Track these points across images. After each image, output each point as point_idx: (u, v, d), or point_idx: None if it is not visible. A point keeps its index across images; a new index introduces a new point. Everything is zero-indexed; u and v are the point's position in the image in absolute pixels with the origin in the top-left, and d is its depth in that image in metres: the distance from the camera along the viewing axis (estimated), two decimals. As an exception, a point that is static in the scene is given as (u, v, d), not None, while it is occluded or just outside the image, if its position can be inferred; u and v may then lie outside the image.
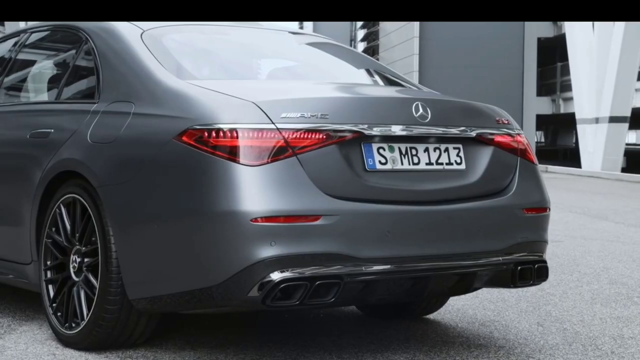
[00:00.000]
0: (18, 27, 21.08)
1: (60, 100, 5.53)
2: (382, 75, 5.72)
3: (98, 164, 4.83)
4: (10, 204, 5.56)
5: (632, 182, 24.93)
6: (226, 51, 5.56)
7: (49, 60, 6.35)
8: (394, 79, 5.67)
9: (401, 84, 5.60)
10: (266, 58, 5.61)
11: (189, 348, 5.04)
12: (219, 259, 4.33)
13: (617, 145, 29.97)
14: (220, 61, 5.41)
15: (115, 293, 4.73)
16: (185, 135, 4.45)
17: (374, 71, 5.76)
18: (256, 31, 5.91)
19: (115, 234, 4.70)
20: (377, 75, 5.70)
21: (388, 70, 5.85)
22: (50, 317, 5.13)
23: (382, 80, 5.68)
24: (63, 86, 5.57)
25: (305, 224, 4.31)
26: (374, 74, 5.71)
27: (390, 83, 5.65)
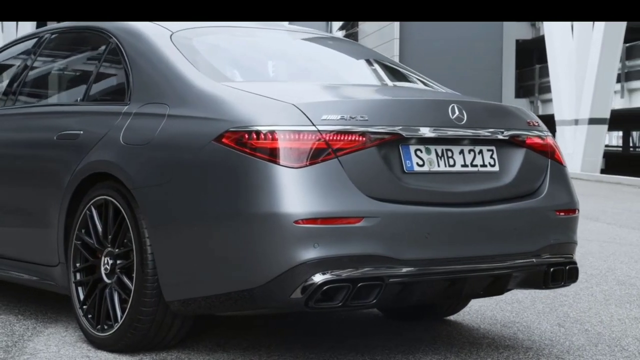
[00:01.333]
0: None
1: (87, 101, 5.52)
2: (409, 77, 5.74)
3: (132, 165, 4.83)
4: (36, 206, 5.55)
5: (612, 183, 25.07)
6: (255, 53, 5.57)
7: (72, 62, 6.34)
8: (420, 79, 5.70)
9: (428, 84, 5.64)
10: (295, 60, 5.61)
11: (220, 350, 5.04)
12: (261, 261, 4.34)
13: (596, 146, 30.13)
14: (251, 63, 5.42)
15: (150, 295, 4.73)
16: (225, 138, 4.46)
17: (401, 73, 5.78)
18: (282, 32, 5.92)
19: (151, 236, 4.70)
20: (405, 77, 5.72)
21: (413, 71, 5.88)
22: (80, 319, 5.12)
23: (410, 82, 5.70)
24: (90, 88, 5.56)
25: (348, 226, 4.34)
26: (402, 75, 5.73)
27: (419, 84, 5.67)
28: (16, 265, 5.74)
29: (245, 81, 4.98)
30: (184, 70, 4.97)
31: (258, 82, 5.02)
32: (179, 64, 5.04)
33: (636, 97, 33.07)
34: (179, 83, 4.91)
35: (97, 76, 5.59)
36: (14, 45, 6.62)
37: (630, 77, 33.17)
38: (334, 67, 5.67)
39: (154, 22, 5.58)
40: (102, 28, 5.70)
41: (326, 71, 5.57)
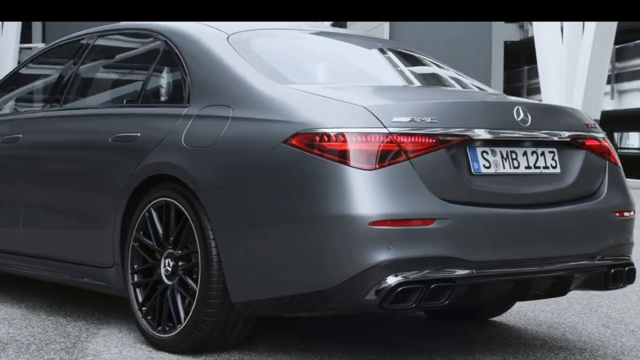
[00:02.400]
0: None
1: (142, 104, 5.52)
2: (459, 79, 5.77)
3: (197, 167, 4.84)
4: (90, 208, 5.56)
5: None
6: (311, 55, 5.59)
7: (123, 64, 6.35)
8: (470, 81, 5.74)
9: (479, 86, 5.68)
10: (351, 62, 5.63)
11: (280, 352, 5.07)
12: (334, 262, 4.37)
13: (587, 148, 30.20)
14: (309, 65, 5.44)
15: (215, 296, 4.75)
16: (295, 139, 4.48)
17: (454, 75, 5.81)
18: (332, 34, 5.94)
19: (217, 238, 4.72)
20: (457, 79, 5.75)
21: (460, 73, 5.91)
22: (140, 321, 5.13)
23: (464, 84, 5.73)
24: (144, 90, 5.57)
25: (421, 228, 4.37)
26: (455, 77, 5.76)
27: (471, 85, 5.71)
28: (68, 267, 5.75)
29: (307, 83, 5.00)
30: (245, 73, 4.99)
31: (321, 84, 5.04)
32: (240, 66, 5.06)
33: (626, 99, 33.25)
34: (242, 85, 4.92)
35: (151, 78, 5.59)
36: (58, 46, 6.62)
37: (620, 78, 33.35)
38: (389, 69, 5.69)
39: (204, 24, 5.61)
40: (153, 30, 5.71)
41: (383, 73, 5.60)
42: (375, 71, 5.57)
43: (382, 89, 5.16)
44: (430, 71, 5.78)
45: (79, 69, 6.18)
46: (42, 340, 5.27)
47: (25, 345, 5.15)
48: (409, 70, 5.73)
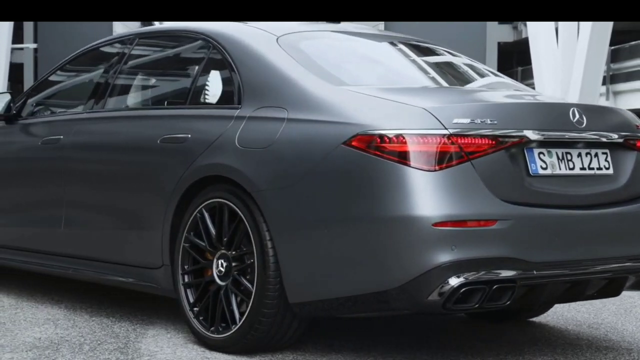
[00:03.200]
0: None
1: (191, 105, 5.53)
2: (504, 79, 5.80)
3: (252, 169, 4.86)
4: (137, 209, 5.58)
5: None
6: (361, 56, 5.60)
7: (167, 65, 6.35)
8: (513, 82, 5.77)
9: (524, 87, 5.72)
10: (400, 63, 5.65)
11: (333, 352, 5.09)
12: (397, 263, 4.40)
13: (583, 149, 30.29)
14: (360, 67, 5.45)
15: (272, 297, 4.77)
16: (355, 141, 4.51)
17: (500, 76, 5.84)
18: (378, 36, 5.96)
19: (275, 239, 4.74)
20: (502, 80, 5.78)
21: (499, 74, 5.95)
22: (192, 321, 5.15)
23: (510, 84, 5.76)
24: (191, 91, 5.58)
25: (483, 229, 4.41)
26: (502, 79, 5.79)
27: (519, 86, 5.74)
28: (112, 268, 5.77)
29: (361, 85, 5.01)
30: (300, 75, 5.02)
31: (376, 86, 5.06)
32: (293, 68, 5.08)
33: (621, 100, 33.32)
34: (297, 87, 4.95)
35: (198, 80, 5.61)
36: (94, 49, 6.63)
37: (615, 79, 33.39)
38: (437, 70, 5.71)
39: (249, 25, 5.65)
40: (198, 31, 5.73)
41: (431, 74, 5.62)
42: (422, 72, 5.59)
43: (437, 90, 5.19)
44: (475, 72, 5.80)
45: (120, 71, 6.18)
46: (93, 340, 5.29)
47: (78, 345, 5.17)
48: (455, 71, 5.76)
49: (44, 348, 5.10)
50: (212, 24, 5.73)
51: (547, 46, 32.42)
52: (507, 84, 5.67)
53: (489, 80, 5.69)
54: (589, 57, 29.23)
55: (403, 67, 5.54)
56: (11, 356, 4.93)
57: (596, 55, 29.35)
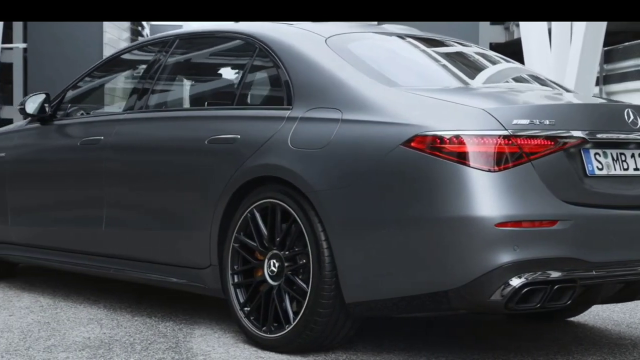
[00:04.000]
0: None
1: (238, 106, 5.55)
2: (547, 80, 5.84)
3: (307, 169, 4.89)
4: (183, 209, 5.60)
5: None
6: (409, 57, 5.62)
7: (212, 66, 6.38)
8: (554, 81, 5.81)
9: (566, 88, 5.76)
10: (448, 64, 5.68)
11: (384, 352, 5.12)
12: (459, 263, 4.43)
13: (577, 149, 30.35)
14: (409, 68, 5.47)
15: (328, 297, 4.80)
16: (414, 142, 4.54)
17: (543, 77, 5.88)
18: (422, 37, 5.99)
19: (331, 239, 4.77)
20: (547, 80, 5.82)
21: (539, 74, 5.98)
22: (242, 321, 5.18)
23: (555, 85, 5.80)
24: (238, 92, 5.60)
25: (544, 229, 4.45)
26: (545, 79, 5.83)
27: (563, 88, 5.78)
28: (158, 268, 5.78)
29: (414, 86, 5.04)
30: (352, 76, 5.05)
31: (430, 87, 5.09)
32: (345, 69, 5.12)
33: (614, 101, 33.42)
34: (350, 88, 4.98)
35: (245, 81, 5.63)
36: (134, 49, 6.65)
37: (608, 80, 33.53)
38: (486, 71, 5.74)
39: (295, 26, 5.68)
40: (243, 32, 5.75)
41: (480, 75, 5.65)
42: (467, 72, 5.61)
43: (490, 91, 5.22)
44: (523, 73, 5.84)
45: (161, 72, 6.19)
46: (142, 340, 5.31)
47: (129, 345, 5.19)
48: (502, 72, 5.79)
49: (96, 347, 5.11)
50: (254, 25, 5.76)
51: (540, 47, 32.51)
52: (552, 85, 5.71)
53: (537, 82, 5.72)
54: (583, 57, 29.33)
55: (449, 67, 5.55)
56: (66, 355, 4.95)
57: (590, 56, 29.46)
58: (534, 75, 5.82)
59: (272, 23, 5.86)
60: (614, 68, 33.45)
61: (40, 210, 6.72)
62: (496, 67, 5.78)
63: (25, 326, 5.67)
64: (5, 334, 5.46)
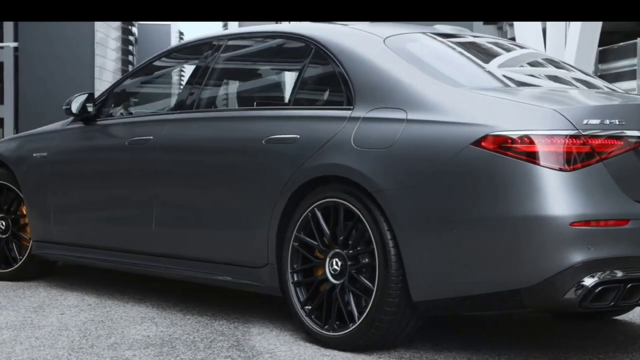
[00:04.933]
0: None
1: (294, 106, 5.58)
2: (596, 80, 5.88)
3: (372, 169, 4.92)
4: (239, 209, 5.62)
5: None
6: (466, 58, 5.65)
7: (262, 67, 6.41)
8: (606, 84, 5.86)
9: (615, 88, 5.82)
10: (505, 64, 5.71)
11: (445, 349, 5.17)
12: (532, 262, 4.47)
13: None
14: (470, 68, 5.50)
15: (394, 295, 4.84)
16: (485, 142, 4.59)
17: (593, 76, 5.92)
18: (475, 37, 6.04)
19: (398, 238, 4.81)
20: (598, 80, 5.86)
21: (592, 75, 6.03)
22: (303, 319, 5.22)
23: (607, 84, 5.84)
24: (295, 93, 5.62)
25: (616, 228, 4.50)
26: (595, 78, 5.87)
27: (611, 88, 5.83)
28: (211, 267, 5.81)
29: (478, 86, 5.08)
30: (414, 76, 5.10)
31: (493, 86, 5.13)
32: (406, 69, 5.16)
33: (608, 102, 33.55)
34: (414, 88, 5.02)
35: (302, 81, 5.65)
36: (181, 49, 6.68)
37: (603, 80, 33.66)
38: (543, 70, 5.78)
39: (351, 27, 5.71)
40: (297, 33, 5.78)
41: (542, 75, 5.68)
42: (530, 73, 5.66)
43: (559, 91, 5.27)
44: (580, 75, 5.88)
45: (212, 72, 6.22)
46: (203, 338, 5.35)
47: (191, 343, 5.23)
48: (559, 72, 5.83)
49: (159, 345, 5.14)
50: (307, 26, 5.81)
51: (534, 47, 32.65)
52: (607, 85, 5.77)
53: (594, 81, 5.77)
54: (578, 58, 29.44)
55: (507, 67, 5.59)
56: (132, 353, 4.98)
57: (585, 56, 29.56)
58: (590, 76, 5.87)
59: (326, 24, 5.89)
60: (609, 68, 33.65)
61: (85, 209, 6.74)
62: (554, 69, 5.82)
63: (80, 324, 5.70)
64: (63, 332, 5.49)
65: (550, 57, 6.09)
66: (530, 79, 5.50)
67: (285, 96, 5.68)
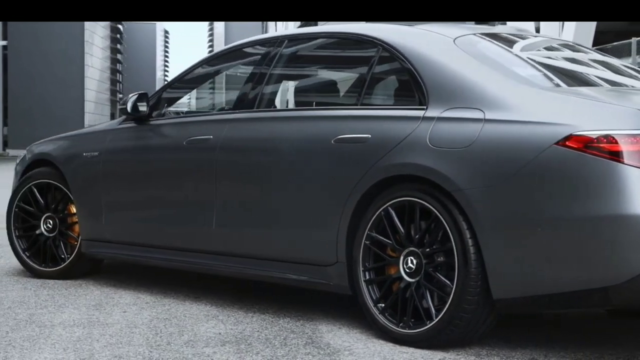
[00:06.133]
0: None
1: (363, 106, 5.64)
2: None
3: (450, 168, 4.98)
4: (307, 208, 5.66)
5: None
6: (537, 57, 5.71)
7: (327, 68, 6.46)
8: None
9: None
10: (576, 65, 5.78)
11: (519, 348, 5.22)
12: (621, 260, 4.53)
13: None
14: (541, 68, 5.55)
15: (473, 293, 4.90)
16: (570, 141, 4.65)
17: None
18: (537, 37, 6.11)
19: (479, 236, 4.87)
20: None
21: None
22: (377, 317, 5.28)
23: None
24: (363, 93, 5.67)
25: None
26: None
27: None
28: (275, 265, 5.86)
29: (554, 86, 5.16)
30: (490, 76, 5.16)
31: (569, 87, 5.20)
32: (481, 69, 5.22)
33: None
34: (491, 89, 5.08)
35: (369, 81, 5.70)
36: (236, 50, 6.72)
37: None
38: (608, 72, 5.85)
39: (419, 27, 5.77)
40: (362, 34, 5.83)
41: (609, 76, 5.76)
42: (595, 72, 5.72)
43: (631, 90, 5.35)
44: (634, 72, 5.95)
45: (272, 73, 6.26)
46: (275, 335, 5.39)
47: (265, 340, 5.27)
48: (619, 71, 5.90)
49: (235, 343, 5.19)
50: (373, 26, 5.85)
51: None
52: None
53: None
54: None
55: (575, 68, 5.66)
56: (213, 350, 5.03)
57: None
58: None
59: (391, 24, 5.93)
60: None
61: (139, 208, 6.77)
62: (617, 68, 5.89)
63: (147, 322, 5.74)
64: (134, 329, 5.53)
65: (607, 59, 6.17)
66: (597, 77, 5.57)
67: (352, 96, 5.73)
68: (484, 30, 5.92)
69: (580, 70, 5.70)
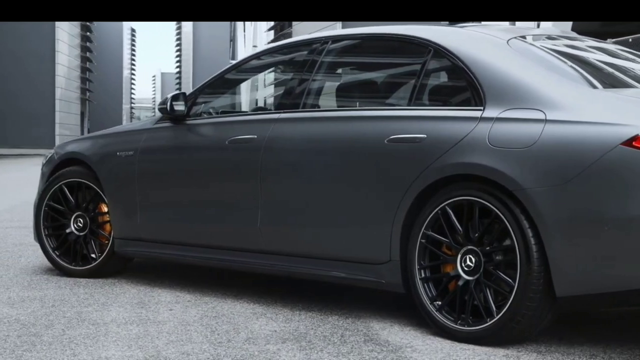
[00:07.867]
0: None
1: (415, 107, 5.70)
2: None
3: (512, 168, 5.05)
4: (359, 207, 5.70)
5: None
6: (588, 58, 5.79)
7: (376, 69, 6.51)
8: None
9: None
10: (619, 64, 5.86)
11: (577, 344, 5.28)
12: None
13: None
14: (595, 68, 5.63)
15: (536, 291, 4.98)
16: (636, 141, 4.74)
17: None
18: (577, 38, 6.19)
19: (543, 235, 4.94)
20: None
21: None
22: (434, 314, 5.34)
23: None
24: (415, 94, 5.73)
25: None
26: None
27: None
28: (324, 264, 5.90)
29: (612, 87, 5.25)
30: (548, 77, 5.24)
31: (628, 87, 5.30)
32: (538, 70, 5.31)
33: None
34: (551, 89, 5.16)
35: (422, 82, 5.76)
36: (277, 51, 6.76)
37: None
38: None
39: (469, 29, 5.84)
40: (413, 35, 5.89)
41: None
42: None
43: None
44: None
45: (317, 73, 6.31)
46: (331, 333, 5.44)
47: (323, 337, 5.32)
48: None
49: (295, 340, 5.23)
50: (423, 27, 5.90)
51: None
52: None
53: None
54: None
55: (626, 69, 5.75)
56: (277, 347, 5.07)
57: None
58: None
59: (440, 26, 6.00)
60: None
61: (178, 207, 6.78)
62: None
63: (198, 320, 5.76)
64: (188, 327, 5.55)
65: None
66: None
67: (403, 97, 5.78)
68: (531, 32, 5.99)
69: (627, 70, 5.79)
